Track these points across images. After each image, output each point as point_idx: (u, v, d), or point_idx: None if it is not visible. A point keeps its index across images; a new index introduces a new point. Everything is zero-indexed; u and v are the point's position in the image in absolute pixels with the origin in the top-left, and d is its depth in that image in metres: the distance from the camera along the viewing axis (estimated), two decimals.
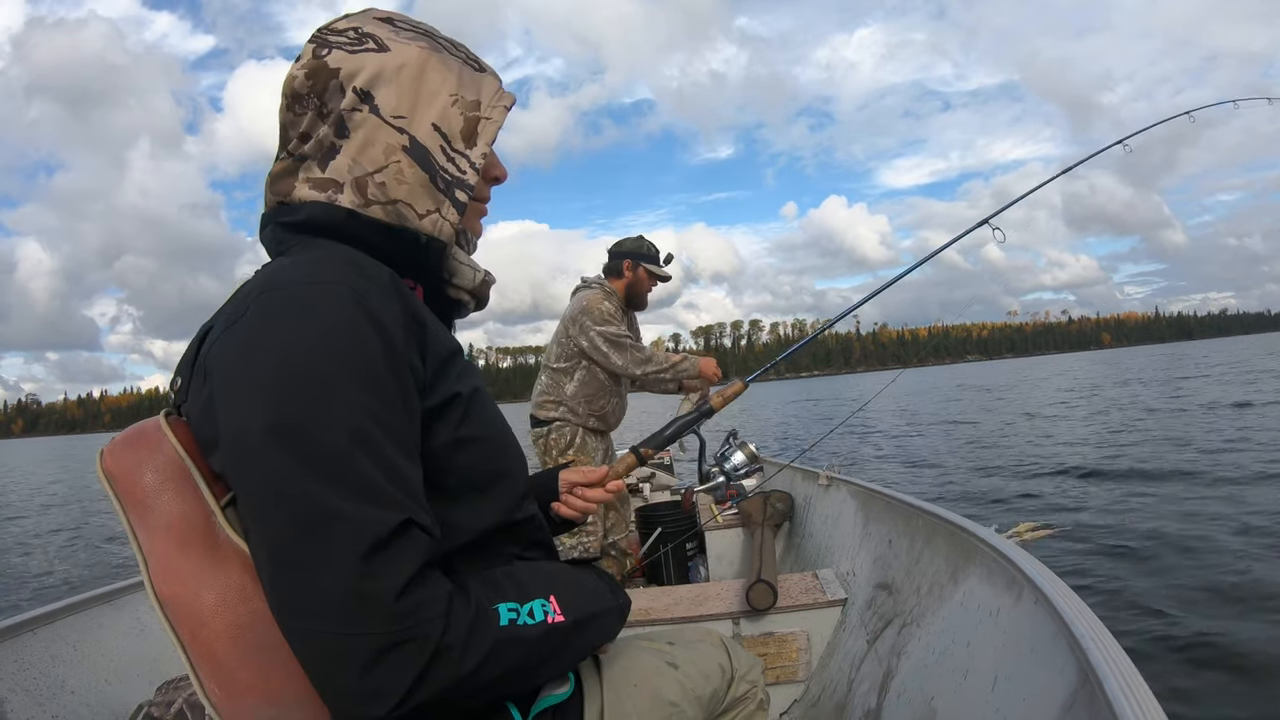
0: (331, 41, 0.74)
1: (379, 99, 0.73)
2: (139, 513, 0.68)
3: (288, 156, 0.76)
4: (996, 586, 1.25)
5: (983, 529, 1.47)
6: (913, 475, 8.68)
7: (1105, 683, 0.77)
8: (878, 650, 1.61)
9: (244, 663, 0.63)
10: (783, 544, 3.03)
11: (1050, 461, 8.36)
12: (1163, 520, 5.01)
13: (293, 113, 0.75)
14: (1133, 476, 6.87)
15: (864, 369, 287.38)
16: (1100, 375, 31.23)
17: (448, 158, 0.76)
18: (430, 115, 0.75)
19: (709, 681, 0.92)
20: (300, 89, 0.74)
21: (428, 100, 0.75)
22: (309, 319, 0.62)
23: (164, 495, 0.67)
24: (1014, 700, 0.99)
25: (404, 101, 0.74)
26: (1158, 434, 9.80)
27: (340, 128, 0.73)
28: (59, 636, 1.49)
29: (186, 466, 0.67)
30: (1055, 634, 0.96)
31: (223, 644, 0.63)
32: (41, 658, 1.43)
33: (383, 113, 0.73)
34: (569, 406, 2.75)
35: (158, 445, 0.69)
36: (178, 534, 0.65)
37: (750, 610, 1.94)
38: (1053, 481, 7.15)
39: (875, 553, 2.00)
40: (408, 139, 0.74)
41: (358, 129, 0.73)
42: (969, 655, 1.20)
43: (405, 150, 0.74)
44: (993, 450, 10.01)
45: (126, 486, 0.68)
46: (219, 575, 0.64)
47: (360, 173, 0.73)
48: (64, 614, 1.53)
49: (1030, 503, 6.16)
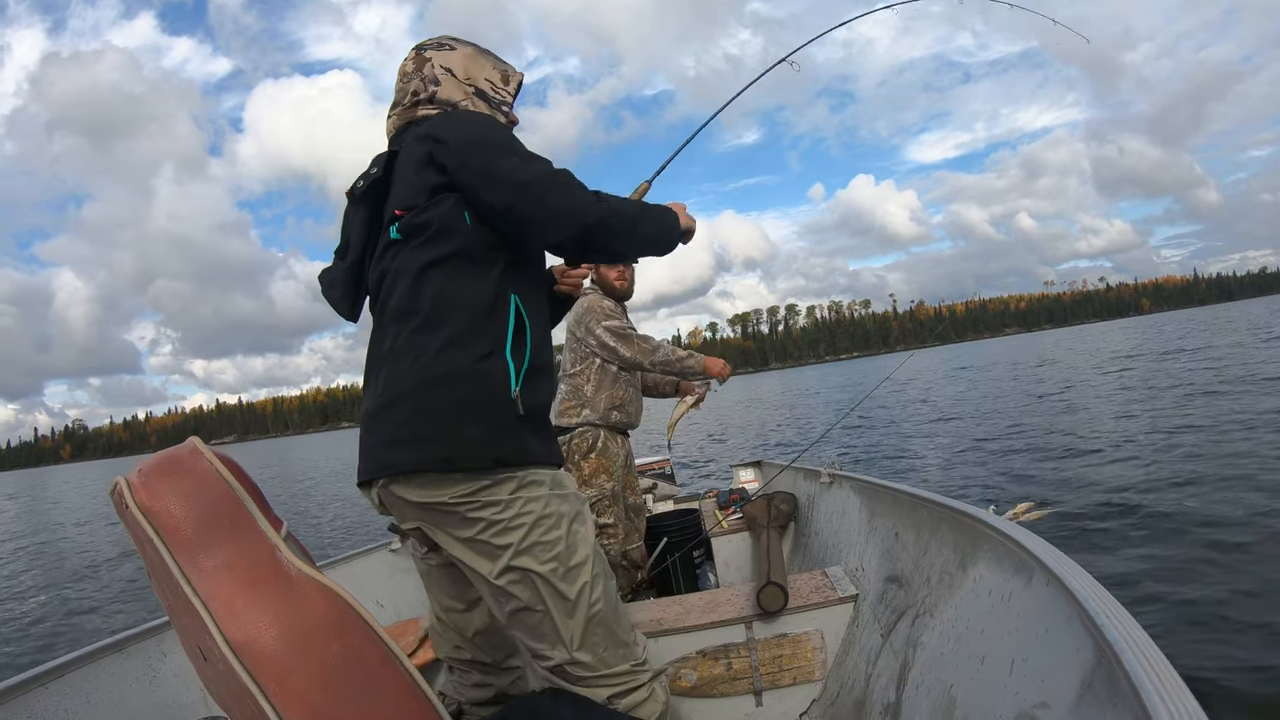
0: (427, 46, 1.43)
1: (455, 71, 1.40)
2: (189, 553, 0.61)
3: (407, 103, 1.38)
4: (1006, 571, 1.25)
5: (988, 514, 1.47)
6: (936, 465, 8.51)
7: (1124, 658, 0.76)
8: (892, 643, 1.60)
9: (342, 705, 0.59)
10: (789, 545, 3.02)
11: (1063, 441, 8.18)
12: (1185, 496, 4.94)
13: (405, 81, 1.40)
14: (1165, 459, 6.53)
15: (902, 348, 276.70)
16: (1141, 345, 30.00)
17: (496, 91, 1.44)
18: (483, 75, 1.43)
19: None
20: (408, 70, 1.41)
21: (478, 71, 1.43)
22: (474, 112, 1.37)
23: (218, 532, 0.61)
24: (1033, 682, 0.99)
25: (466, 72, 1.41)
26: (1196, 411, 8.99)
27: (435, 82, 1.38)
28: (71, 689, 1.47)
29: (238, 497, 0.62)
30: (1069, 614, 0.96)
31: (315, 689, 0.58)
32: (55, 712, 1.41)
33: (458, 77, 1.40)
34: (591, 407, 2.83)
35: (200, 474, 0.64)
36: (243, 573, 0.60)
37: (762, 613, 1.93)
38: (1074, 461, 6.99)
39: (882, 546, 2.00)
40: (473, 88, 1.41)
41: (445, 83, 1.38)
42: (984, 641, 1.20)
43: (473, 94, 1.41)
44: (1017, 433, 9.74)
45: (170, 524, 0.62)
46: (300, 615, 0.60)
47: (452, 101, 1.37)
48: (74, 666, 1.51)
49: (1052, 488, 6.01)
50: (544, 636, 1.23)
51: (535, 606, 1.20)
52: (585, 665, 1.24)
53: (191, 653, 0.65)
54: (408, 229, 1.26)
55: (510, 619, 1.24)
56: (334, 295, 1.40)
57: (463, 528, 1.19)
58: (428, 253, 1.23)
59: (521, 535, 1.18)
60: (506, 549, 1.18)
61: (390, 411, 1.20)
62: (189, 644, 0.65)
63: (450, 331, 1.19)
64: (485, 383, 1.19)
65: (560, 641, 1.22)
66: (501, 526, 1.18)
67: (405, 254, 1.25)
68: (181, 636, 0.67)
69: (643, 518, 3.18)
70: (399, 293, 1.24)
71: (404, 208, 1.27)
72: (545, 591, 1.20)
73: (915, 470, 8.26)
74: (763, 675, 1.90)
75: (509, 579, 1.19)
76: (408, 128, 1.37)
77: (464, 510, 1.18)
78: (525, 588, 1.19)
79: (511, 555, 1.18)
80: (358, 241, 1.35)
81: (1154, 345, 27.60)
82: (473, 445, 1.16)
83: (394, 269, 1.26)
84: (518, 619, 1.23)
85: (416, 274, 1.23)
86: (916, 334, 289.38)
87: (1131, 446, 7.22)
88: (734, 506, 3.29)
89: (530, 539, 1.18)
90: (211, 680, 0.67)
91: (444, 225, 1.23)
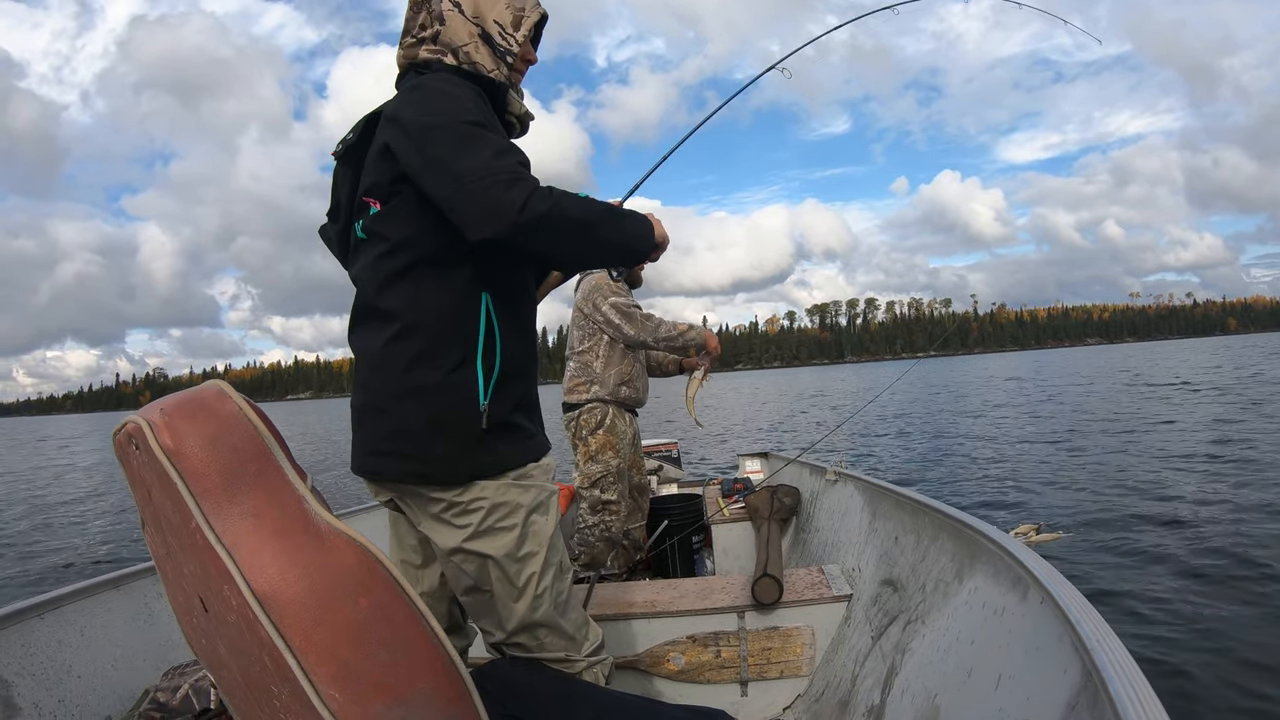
0: None
1: (464, 6, 1.30)
2: (213, 498, 0.59)
3: (413, 39, 1.31)
4: (1002, 585, 1.24)
5: (989, 527, 1.46)
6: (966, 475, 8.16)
7: (1109, 683, 0.76)
8: (882, 647, 1.60)
9: (371, 662, 0.58)
10: (789, 539, 3.02)
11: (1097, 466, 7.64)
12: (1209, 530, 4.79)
13: (414, 12, 1.32)
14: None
15: (980, 350, 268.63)
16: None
17: (502, 38, 1.32)
18: (493, 14, 1.31)
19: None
20: (419, 1, 1.32)
21: (489, 8, 1.31)
22: (441, 86, 1.21)
23: (244, 479, 0.59)
24: (1017, 699, 0.98)
25: (475, 8, 1.30)
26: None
27: (441, 20, 1.30)
28: (66, 621, 1.51)
29: (266, 444, 0.61)
30: (1060, 634, 0.95)
31: (345, 643, 0.57)
32: (48, 643, 1.44)
33: (465, 13, 1.30)
34: (600, 383, 2.86)
35: (227, 418, 0.62)
36: (270, 522, 0.58)
37: (756, 604, 1.94)
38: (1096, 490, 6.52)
39: (881, 549, 1.99)
40: (480, 30, 1.30)
41: (451, 22, 1.29)
42: (973, 653, 1.19)
43: (478, 36, 1.30)
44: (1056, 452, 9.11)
45: (194, 467, 0.60)
46: (329, 568, 0.58)
47: (455, 45, 1.30)
48: (71, 599, 1.55)
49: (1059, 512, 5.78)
50: (487, 616, 1.30)
51: (483, 587, 1.26)
52: (522, 647, 1.31)
53: (185, 605, 0.64)
54: (371, 232, 1.25)
55: (461, 593, 1.31)
56: (334, 253, 1.43)
57: (429, 504, 1.26)
58: (392, 262, 1.22)
59: (479, 519, 1.23)
60: (464, 529, 1.24)
61: (373, 418, 1.25)
62: (184, 594, 0.64)
63: (421, 345, 1.21)
64: (455, 396, 1.22)
65: (501, 626, 1.29)
66: (460, 509, 1.23)
67: (374, 260, 1.24)
68: (174, 586, 0.66)
69: (646, 498, 3.20)
70: (371, 294, 1.25)
71: (369, 195, 1.25)
72: (495, 575, 1.25)
73: (952, 482, 7.80)
74: (750, 666, 1.91)
75: (461, 558, 1.25)
76: (408, 72, 1.33)
77: (430, 493, 1.25)
78: (476, 568, 1.26)
79: (466, 537, 1.24)
80: (346, 204, 1.34)
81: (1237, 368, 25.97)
82: (445, 463, 1.21)
83: (364, 274, 1.27)
84: (467, 594, 1.30)
85: (383, 282, 1.23)
86: (996, 338, 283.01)
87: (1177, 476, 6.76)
88: (737, 495, 3.30)
89: (486, 524, 1.24)
90: (209, 633, 0.65)
91: (404, 237, 1.21)
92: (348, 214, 1.34)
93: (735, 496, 3.30)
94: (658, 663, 1.92)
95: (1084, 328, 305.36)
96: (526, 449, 1.30)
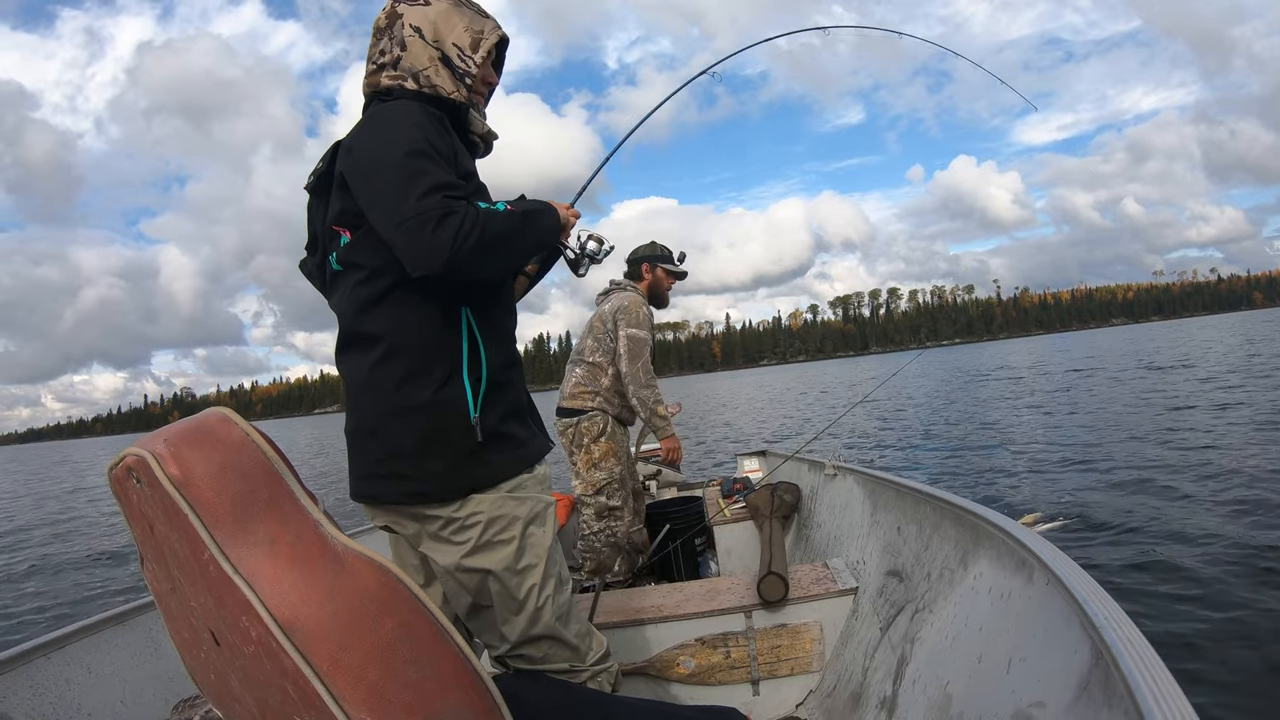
0: (401, 1, 1.33)
1: (424, 31, 1.31)
2: (226, 527, 0.58)
3: (374, 65, 1.33)
4: (1007, 569, 1.25)
5: (992, 512, 1.46)
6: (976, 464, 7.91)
7: (1120, 660, 0.76)
8: (891, 638, 1.61)
9: (400, 682, 0.58)
10: (792, 535, 3.03)
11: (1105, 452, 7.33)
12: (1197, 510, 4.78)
13: (376, 39, 1.34)
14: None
15: (1005, 335, 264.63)
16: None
17: (461, 60, 1.34)
18: (451, 38, 1.32)
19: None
20: (380, 25, 1.33)
21: (448, 31, 1.32)
22: (393, 114, 1.22)
23: (256, 506, 0.58)
24: (1029, 682, 0.99)
25: (435, 33, 1.31)
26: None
27: (403, 46, 1.31)
28: (72, 660, 1.49)
29: (275, 469, 0.60)
30: (1068, 614, 0.96)
31: (374, 667, 0.56)
32: (56, 682, 1.43)
33: (426, 38, 1.31)
34: (605, 397, 2.91)
35: (234, 445, 0.62)
36: (287, 548, 0.58)
37: (762, 603, 1.94)
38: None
39: (884, 540, 2.00)
40: (439, 53, 1.32)
41: (412, 47, 1.30)
42: (982, 639, 1.20)
43: (438, 60, 1.32)
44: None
45: (204, 497, 0.58)
46: (352, 590, 0.58)
47: (416, 70, 1.31)
48: (76, 637, 1.53)
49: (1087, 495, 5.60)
50: (490, 630, 1.31)
51: (484, 601, 1.28)
52: (526, 659, 1.32)
53: (190, 640, 0.63)
54: (346, 263, 1.28)
55: (464, 609, 1.32)
56: (315, 285, 1.44)
57: (427, 523, 1.27)
58: (370, 289, 1.24)
59: (478, 534, 1.25)
60: (463, 544, 1.25)
61: (366, 442, 1.27)
62: (190, 629, 0.62)
63: (407, 365, 1.22)
64: (445, 412, 1.23)
65: (504, 639, 1.30)
66: (458, 525, 1.25)
67: (352, 288, 1.26)
68: (178, 622, 0.64)
69: (642, 502, 3.21)
70: (353, 320, 1.27)
71: (337, 224, 1.28)
72: (495, 589, 1.27)
73: (959, 476, 7.52)
74: (761, 665, 1.91)
75: (461, 574, 1.27)
76: (372, 100, 1.35)
77: (427, 511, 1.26)
78: (476, 583, 1.27)
79: (465, 553, 1.25)
80: (322, 234, 1.35)
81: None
82: (440, 479, 1.23)
83: (343, 303, 1.29)
84: (470, 610, 1.31)
85: (364, 307, 1.25)
86: (1020, 322, 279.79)
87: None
88: (737, 495, 3.30)
89: (484, 538, 1.25)
90: (219, 668, 0.64)
91: (379, 263, 1.23)
92: (324, 245, 1.35)
93: (735, 497, 3.30)
94: (668, 667, 1.92)
95: (1109, 308, 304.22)
96: (520, 456, 1.31)
